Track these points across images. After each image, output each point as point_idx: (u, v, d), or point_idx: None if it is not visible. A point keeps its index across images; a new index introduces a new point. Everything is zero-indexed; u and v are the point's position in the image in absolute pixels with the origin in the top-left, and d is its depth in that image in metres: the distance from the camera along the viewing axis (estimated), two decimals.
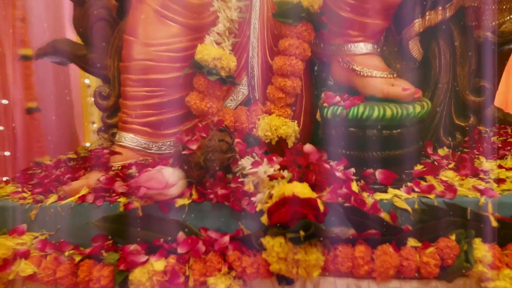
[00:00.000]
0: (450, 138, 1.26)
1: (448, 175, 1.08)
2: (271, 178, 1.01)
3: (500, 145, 1.37)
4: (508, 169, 1.14)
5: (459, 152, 1.25)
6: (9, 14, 2.65)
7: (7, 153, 2.38)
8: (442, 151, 1.25)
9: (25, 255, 1.04)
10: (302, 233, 0.88)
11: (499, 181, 1.07)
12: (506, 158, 1.21)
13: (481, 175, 1.11)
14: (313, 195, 0.94)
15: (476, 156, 1.23)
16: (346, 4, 1.14)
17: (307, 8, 1.14)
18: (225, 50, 1.19)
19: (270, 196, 0.99)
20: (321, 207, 0.92)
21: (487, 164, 1.16)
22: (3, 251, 1.04)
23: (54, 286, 1.05)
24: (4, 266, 1.03)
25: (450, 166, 1.15)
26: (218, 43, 1.20)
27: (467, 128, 1.25)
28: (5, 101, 2.74)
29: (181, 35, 1.21)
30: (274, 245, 0.92)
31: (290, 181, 1.01)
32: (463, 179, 1.08)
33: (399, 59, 1.26)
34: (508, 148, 1.34)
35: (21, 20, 2.65)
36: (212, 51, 1.17)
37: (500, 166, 1.16)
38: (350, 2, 1.14)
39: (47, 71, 2.71)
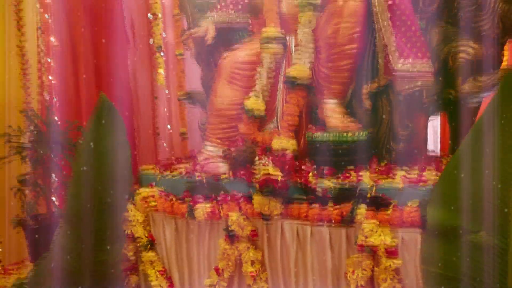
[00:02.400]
0: (388, 155, 2.07)
1: (363, 173, 1.93)
2: (263, 166, 1.99)
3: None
4: (409, 174, 1.92)
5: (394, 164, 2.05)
6: (175, 68, 4.13)
7: None
8: (383, 163, 2.07)
9: (153, 196, 2.19)
10: (265, 189, 1.85)
11: (396, 179, 1.87)
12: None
13: (390, 176, 1.92)
14: (277, 174, 1.90)
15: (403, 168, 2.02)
16: (321, 77, 2.08)
17: (300, 79, 2.10)
18: (259, 101, 2.21)
19: None
20: (279, 179, 1.87)
21: (399, 171, 1.95)
22: (147, 193, 2.20)
23: (163, 213, 2.17)
24: (144, 201, 2.18)
25: (376, 169, 1.98)
26: (256, 97, 2.23)
27: (401, 153, 2.05)
28: (168, 126, 4.23)
29: (239, 93, 2.27)
30: (255, 196, 1.90)
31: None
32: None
33: (361, 107, 2.13)
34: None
35: (181, 71, 4.10)
36: (251, 101, 2.20)
37: (406, 172, 1.94)
38: (323, 76, 2.08)
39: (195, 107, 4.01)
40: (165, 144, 4.38)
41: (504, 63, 2.31)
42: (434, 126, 3.34)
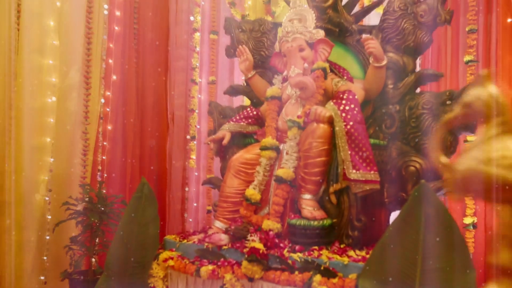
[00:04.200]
0: (347, 240, 2.76)
1: (323, 252, 2.62)
2: (252, 241, 2.72)
3: None
4: (357, 256, 2.60)
5: (350, 247, 2.73)
6: (206, 155, 4.98)
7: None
8: (342, 245, 2.75)
9: (172, 258, 2.94)
10: (249, 258, 2.57)
11: (344, 257, 2.55)
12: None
13: (342, 255, 2.61)
14: (261, 247, 2.63)
15: (355, 250, 2.70)
16: (300, 178, 2.86)
17: (286, 179, 2.88)
18: (256, 192, 2.99)
19: None
20: (261, 251, 2.60)
21: (351, 252, 2.63)
22: (168, 255, 2.96)
23: (178, 271, 2.90)
24: (165, 261, 2.94)
25: (334, 250, 2.67)
26: (254, 189, 3.01)
27: (356, 239, 2.74)
28: (195, 204, 5.02)
29: (242, 184, 3.07)
30: (243, 262, 2.62)
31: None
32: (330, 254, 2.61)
33: (328, 202, 2.86)
34: None
35: (211, 158, 4.93)
36: (250, 191, 2.98)
37: (356, 253, 2.62)
38: (301, 178, 2.85)
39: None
40: (190, 219, 5.18)
41: None
42: None
